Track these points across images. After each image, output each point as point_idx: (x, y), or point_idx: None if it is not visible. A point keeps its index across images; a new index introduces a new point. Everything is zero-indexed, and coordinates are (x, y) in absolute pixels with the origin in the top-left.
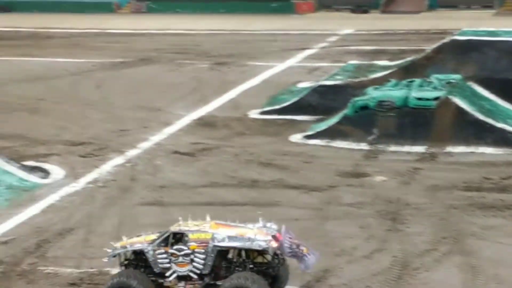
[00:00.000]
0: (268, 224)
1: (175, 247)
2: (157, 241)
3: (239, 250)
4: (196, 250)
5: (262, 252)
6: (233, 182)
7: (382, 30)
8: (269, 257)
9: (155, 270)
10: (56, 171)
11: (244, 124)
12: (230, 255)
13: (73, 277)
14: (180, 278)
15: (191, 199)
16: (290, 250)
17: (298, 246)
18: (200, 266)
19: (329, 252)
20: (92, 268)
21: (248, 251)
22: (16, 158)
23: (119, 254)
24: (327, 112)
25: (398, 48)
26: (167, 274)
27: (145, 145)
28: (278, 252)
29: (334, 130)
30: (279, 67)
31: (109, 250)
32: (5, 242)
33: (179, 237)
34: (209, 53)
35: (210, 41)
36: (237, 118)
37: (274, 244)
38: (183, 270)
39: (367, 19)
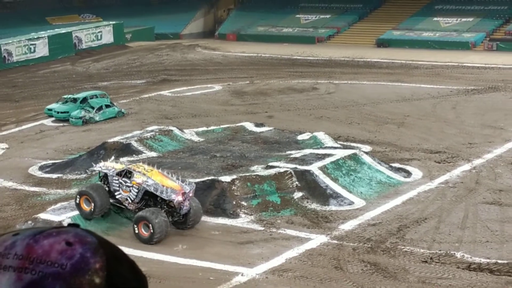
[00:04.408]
0: (190, 183)
1: (123, 179)
2: (117, 171)
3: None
4: (134, 185)
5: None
6: None
7: None
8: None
9: (111, 188)
10: (416, 172)
11: None
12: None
13: (425, 256)
14: (125, 198)
15: None
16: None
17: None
18: (133, 196)
19: None
20: (440, 250)
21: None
22: (386, 160)
23: (99, 172)
24: None
25: None
26: (116, 193)
27: (488, 156)
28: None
29: None
30: None
31: (95, 168)
32: (374, 225)
33: (130, 173)
34: None
35: None
36: None
37: (179, 198)
38: (125, 194)
39: None
